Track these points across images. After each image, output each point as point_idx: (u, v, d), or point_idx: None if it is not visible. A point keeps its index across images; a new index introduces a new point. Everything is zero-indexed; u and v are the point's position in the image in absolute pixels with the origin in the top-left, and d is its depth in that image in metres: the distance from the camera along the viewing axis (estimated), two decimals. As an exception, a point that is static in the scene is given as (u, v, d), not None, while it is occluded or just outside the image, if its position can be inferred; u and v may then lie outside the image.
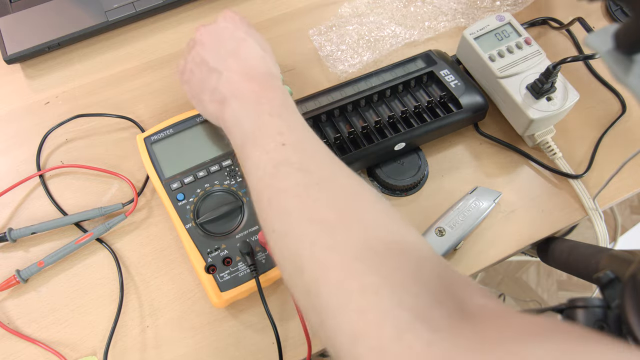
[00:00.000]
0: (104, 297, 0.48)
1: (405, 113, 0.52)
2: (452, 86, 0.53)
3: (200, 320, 0.47)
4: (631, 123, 0.57)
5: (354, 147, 0.51)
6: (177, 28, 0.63)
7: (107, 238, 0.51)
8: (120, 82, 0.59)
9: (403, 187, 0.52)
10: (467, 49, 0.55)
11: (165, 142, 0.51)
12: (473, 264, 0.50)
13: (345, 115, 0.53)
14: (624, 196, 0.53)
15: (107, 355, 0.45)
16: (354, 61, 0.60)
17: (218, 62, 0.44)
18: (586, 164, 0.54)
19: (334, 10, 0.64)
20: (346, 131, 0.52)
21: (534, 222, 0.52)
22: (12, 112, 0.58)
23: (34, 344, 0.46)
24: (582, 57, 0.48)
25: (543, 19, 0.62)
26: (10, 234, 0.49)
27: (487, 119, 0.56)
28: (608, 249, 0.46)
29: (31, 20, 0.60)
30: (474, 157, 0.55)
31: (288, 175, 0.36)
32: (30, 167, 0.54)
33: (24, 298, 0.48)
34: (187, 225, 0.47)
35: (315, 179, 0.35)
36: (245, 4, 0.64)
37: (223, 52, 0.45)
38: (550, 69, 0.48)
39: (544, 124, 0.51)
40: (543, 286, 1.37)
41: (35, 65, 0.60)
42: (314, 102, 0.53)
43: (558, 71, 0.49)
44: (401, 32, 0.61)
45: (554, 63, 0.48)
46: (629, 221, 1.43)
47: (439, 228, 0.49)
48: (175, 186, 0.49)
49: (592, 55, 0.49)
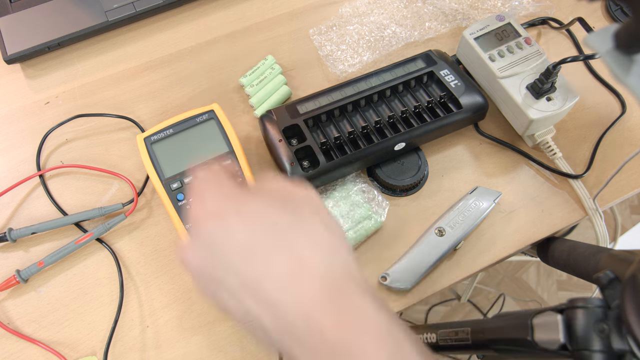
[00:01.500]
0: (104, 297, 0.48)
1: (405, 113, 0.52)
2: (452, 86, 0.53)
3: (200, 320, 0.47)
4: (631, 123, 0.57)
5: (354, 147, 0.51)
6: (177, 28, 0.63)
7: (107, 238, 0.51)
8: (120, 82, 0.59)
9: (403, 187, 0.52)
10: (467, 49, 0.55)
11: (165, 142, 0.51)
12: (473, 264, 0.50)
13: (346, 115, 0.53)
14: (624, 196, 0.53)
15: (107, 355, 0.45)
16: (354, 61, 0.60)
17: (241, 287, 0.28)
18: (586, 164, 0.54)
19: (335, 10, 0.64)
20: (346, 131, 0.52)
21: (534, 222, 0.52)
22: (12, 112, 0.58)
23: (34, 344, 0.46)
24: (582, 57, 0.48)
25: (543, 19, 0.62)
26: (10, 234, 0.49)
27: (487, 119, 0.56)
28: (608, 249, 0.46)
29: (31, 20, 0.60)
30: (474, 157, 0.55)
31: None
32: (30, 167, 0.54)
33: (24, 298, 0.48)
34: (187, 225, 0.47)
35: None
36: (245, 4, 0.64)
37: (261, 256, 0.28)
38: (550, 69, 0.48)
39: (544, 124, 0.51)
40: (543, 286, 1.37)
41: (35, 65, 0.60)
42: (314, 102, 0.53)
43: (558, 71, 0.49)
44: (401, 32, 0.61)
45: (554, 63, 0.48)
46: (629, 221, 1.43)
47: (439, 228, 0.49)
48: (175, 186, 0.49)
49: (592, 55, 0.49)
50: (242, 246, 0.28)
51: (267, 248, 0.28)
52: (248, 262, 0.28)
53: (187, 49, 0.61)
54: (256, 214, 0.29)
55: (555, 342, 0.34)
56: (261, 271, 0.28)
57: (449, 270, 0.50)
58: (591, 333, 0.33)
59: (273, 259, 0.28)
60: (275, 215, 0.29)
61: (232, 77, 0.59)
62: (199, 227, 0.29)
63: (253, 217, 0.29)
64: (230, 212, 0.29)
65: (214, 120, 0.52)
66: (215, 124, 0.52)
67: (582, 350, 0.33)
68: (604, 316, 0.33)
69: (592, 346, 0.32)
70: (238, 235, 0.28)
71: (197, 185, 0.32)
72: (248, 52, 0.61)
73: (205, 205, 0.30)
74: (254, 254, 0.28)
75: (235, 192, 0.31)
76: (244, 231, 0.28)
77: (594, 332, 0.33)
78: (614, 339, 0.32)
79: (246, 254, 0.28)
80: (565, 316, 0.34)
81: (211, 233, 0.29)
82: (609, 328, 0.32)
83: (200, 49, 0.61)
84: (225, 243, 0.28)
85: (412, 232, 0.51)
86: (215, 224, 0.29)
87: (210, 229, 0.29)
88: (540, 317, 0.36)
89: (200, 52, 0.61)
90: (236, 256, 0.28)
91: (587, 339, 0.33)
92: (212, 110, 0.53)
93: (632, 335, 0.30)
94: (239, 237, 0.28)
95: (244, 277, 0.28)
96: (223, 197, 0.30)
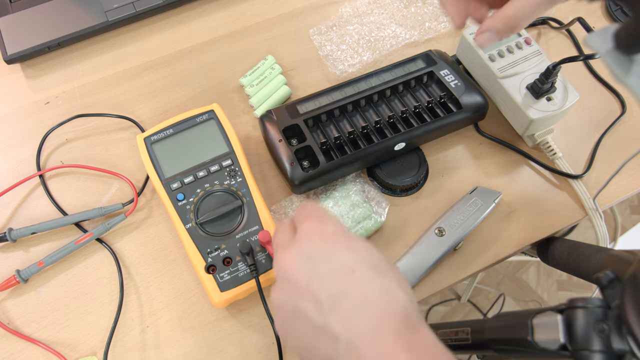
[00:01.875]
0: (104, 297, 0.48)
1: (405, 113, 0.52)
2: (452, 86, 0.53)
3: (200, 320, 0.47)
4: (631, 123, 0.57)
5: (354, 147, 0.51)
6: (177, 28, 0.63)
7: (107, 238, 0.51)
8: (120, 82, 0.59)
9: (403, 187, 0.52)
10: (467, 49, 0.55)
11: (165, 142, 0.51)
12: (473, 264, 0.50)
13: (346, 115, 0.53)
14: (624, 196, 0.53)
15: (107, 355, 0.45)
16: (354, 61, 0.60)
17: (322, 316, 0.29)
18: (586, 164, 0.54)
19: (335, 10, 0.64)
20: (346, 131, 0.52)
21: (534, 222, 0.52)
22: (12, 112, 0.58)
23: (34, 344, 0.46)
24: (582, 57, 0.48)
25: (543, 19, 0.62)
26: (10, 234, 0.49)
27: (487, 119, 0.56)
28: (608, 249, 0.46)
29: (31, 20, 0.60)
30: (474, 157, 0.55)
31: None
32: (30, 167, 0.54)
33: (24, 298, 0.48)
34: (187, 225, 0.47)
35: None
36: (245, 4, 0.64)
37: (325, 298, 0.29)
38: (550, 69, 0.48)
39: (544, 124, 0.51)
40: (543, 286, 1.37)
41: (35, 65, 0.60)
42: (314, 102, 0.53)
43: (558, 71, 0.49)
44: (401, 33, 0.61)
45: (554, 63, 0.48)
46: (629, 221, 1.43)
47: (439, 228, 0.49)
48: (175, 186, 0.49)
49: (592, 55, 0.49)
50: (343, 265, 0.31)
51: (364, 274, 0.30)
52: (344, 280, 0.30)
53: (187, 49, 0.61)
54: (317, 272, 0.31)
55: (555, 342, 0.34)
56: (353, 292, 0.30)
57: (449, 270, 0.50)
58: (591, 333, 0.33)
59: (366, 286, 0.30)
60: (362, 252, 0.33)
61: (232, 77, 0.59)
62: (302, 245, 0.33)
63: (353, 249, 0.32)
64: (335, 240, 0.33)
65: (214, 120, 0.52)
66: (215, 124, 0.52)
67: (582, 350, 0.33)
68: (604, 316, 0.33)
69: (592, 346, 0.32)
70: (342, 256, 0.31)
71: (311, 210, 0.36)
72: (248, 52, 0.61)
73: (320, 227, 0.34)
74: (352, 274, 0.30)
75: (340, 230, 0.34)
76: (348, 256, 0.32)
77: (594, 332, 0.33)
78: (614, 339, 0.32)
79: (345, 273, 0.30)
80: (565, 316, 0.34)
81: (314, 249, 0.32)
82: (609, 328, 0.32)
83: (200, 49, 0.61)
84: (328, 262, 0.31)
85: (412, 232, 0.51)
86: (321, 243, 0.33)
87: (314, 246, 0.32)
88: (540, 317, 0.36)
89: (200, 52, 0.61)
90: (336, 273, 0.31)
91: (587, 339, 0.33)
92: (212, 110, 0.53)
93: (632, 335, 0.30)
94: (342, 258, 0.31)
95: (336, 292, 0.30)
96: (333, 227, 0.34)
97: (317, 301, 0.29)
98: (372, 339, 0.27)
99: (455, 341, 0.45)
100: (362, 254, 0.32)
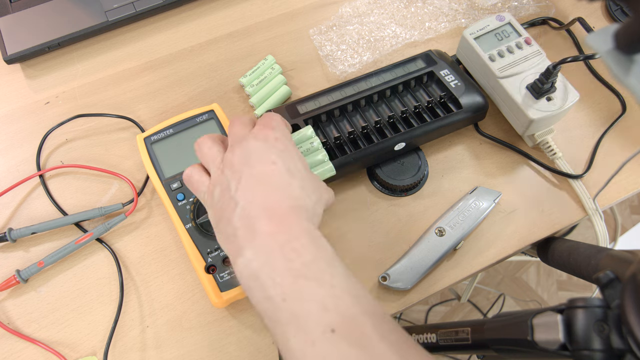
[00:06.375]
0: (104, 297, 0.48)
1: (405, 113, 0.52)
2: (452, 86, 0.53)
3: (200, 320, 0.47)
4: (631, 123, 0.57)
5: (354, 147, 0.51)
6: (177, 28, 0.63)
7: (107, 238, 0.51)
8: (120, 82, 0.59)
9: (403, 187, 0.52)
10: (467, 49, 0.55)
11: (165, 142, 0.51)
12: (473, 264, 0.50)
13: (346, 115, 0.53)
14: (624, 196, 0.53)
15: (107, 355, 0.45)
16: (354, 61, 0.60)
17: (238, 190, 0.37)
18: (586, 164, 0.54)
19: (335, 10, 0.64)
20: (346, 131, 0.52)
21: (534, 222, 0.52)
22: (12, 112, 0.58)
23: (34, 344, 0.46)
24: (582, 57, 0.48)
25: (543, 19, 0.62)
26: (10, 234, 0.49)
27: (487, 119, 0.56)
28: (608, 249, 0.46)
29: (31, 20, 0.60)
30: (474, 157, 0.55)
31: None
32: (30, 167, 0.54)
33: (24, 298, 0.48)
34: (187, 225, 0.47)
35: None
36: (245, 3, 0.64)
37: (246, 178, 0.37)
38: (550, 69, 0.48)
39: (544, 124, 0.51)
40: (543, 286, 1.37)
41: (35, 65, 0.60)
42: (314, 102, 0.53)
43: (558, 71, 0.49)
44: (401, 33, 0.61)
45: (554, 63, 0.48)
46: (629, 221, 1.43)
47: (439, 228, 0.49)
48: (175, 186, 0.49)
49: (592, 55, 0.49)
50: (268, 160, 0.38)
51: (279, 168, 0.38)
52: (263, 166, 0.38)
53: (187, 49, 0.61)
54: (250, 160, 0.39)
55: (555, 342, 0.34)
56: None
57: (449, 270, 0.50)
58: (591, 333, 0.33)
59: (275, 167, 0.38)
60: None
61: (232, 77, 0.59)
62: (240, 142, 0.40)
63: (284, 152, 0.39)
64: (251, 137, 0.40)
65: (214, 120, 0.52)
66: (215, 124, 0.52)
67: (582, 350, 0.33)
68: (604, 316, 0.33)
69: (592, 346, 0.32)
70: (271, 155, 0.39)
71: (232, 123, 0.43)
72: (248, 52, 0.61)
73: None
74: (272, 164, 0.38)
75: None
76: (276, 155, 0.39)
77: (594, 332, 0.33)
78: (614, 339, 0.32)
79: (267, 163, 0.38)
80: (565, 316, 0.34)
81: (226, 175, 0.38)
82: (609, 328, 0.32)
83: (200, 49, 0.61)
84: (228, 178, 0.38)
85: (412, 232, 0.51)
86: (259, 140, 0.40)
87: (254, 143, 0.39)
88: (540, 317, 0.36)
89: (200, 52, 0.61)
90: (260, 162, 0.38)
91: (587, 339, 0.33)
92: (212, 110, 0.53)
93: (632, 335, 0.30)
94: (271, 156, 0.38)
95: (234, 192, 0.37)
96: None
97: (239, 180, 0.37)
98: (260, 213, 0.35)
99: (455, 341, 0.45)
100: (289, 158, 0.39)
